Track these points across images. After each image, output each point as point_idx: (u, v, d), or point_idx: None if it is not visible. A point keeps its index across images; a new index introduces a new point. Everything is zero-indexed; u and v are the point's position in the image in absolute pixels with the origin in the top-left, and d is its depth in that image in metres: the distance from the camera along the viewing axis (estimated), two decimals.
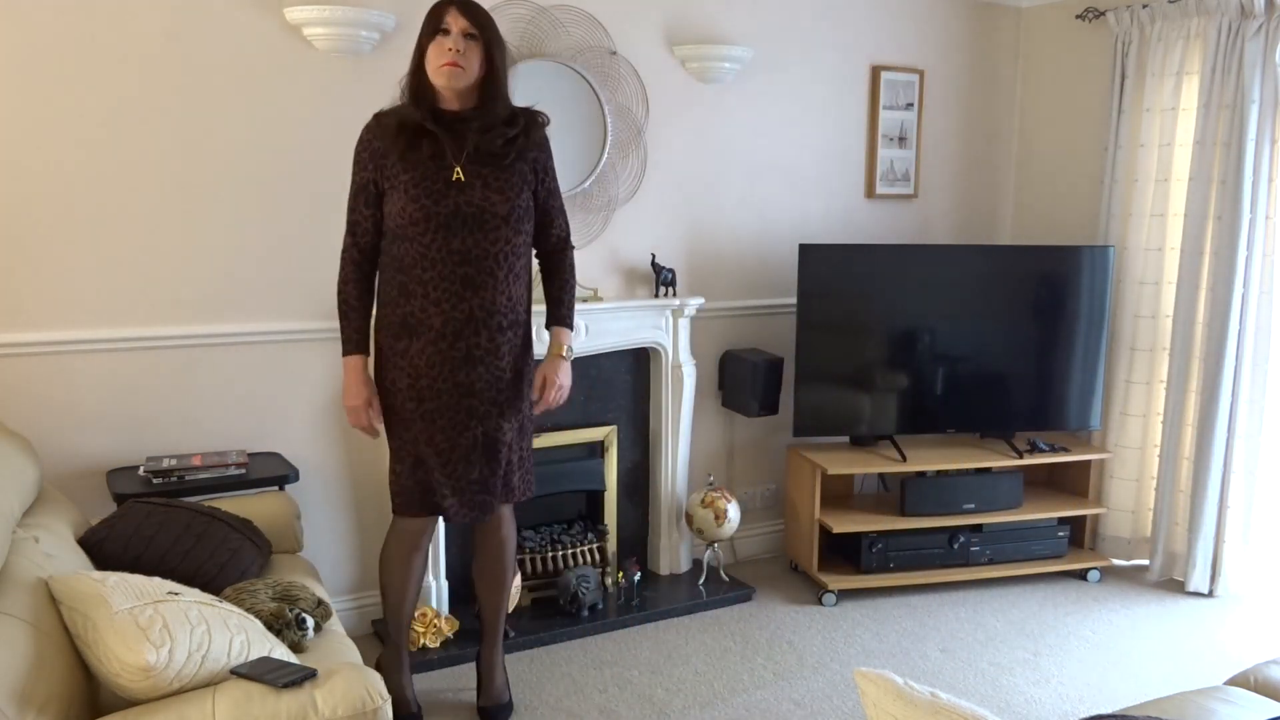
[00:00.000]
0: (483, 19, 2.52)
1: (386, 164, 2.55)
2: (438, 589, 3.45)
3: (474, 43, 2.50)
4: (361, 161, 2.59)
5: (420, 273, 2.55)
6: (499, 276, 2.60)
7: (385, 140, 2.55)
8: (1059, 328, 4.05)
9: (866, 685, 1.54)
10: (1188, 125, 3.93)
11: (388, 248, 2.61)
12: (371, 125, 2.60)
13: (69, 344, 2.97)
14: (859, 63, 4.23)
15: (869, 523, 3.87)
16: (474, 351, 2.60)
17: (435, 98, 2.54)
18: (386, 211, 2.58)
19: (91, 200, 2.96)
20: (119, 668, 1.77)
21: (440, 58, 2.46)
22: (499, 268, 2.59)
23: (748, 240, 4.09)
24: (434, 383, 2.60)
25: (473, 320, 2.58)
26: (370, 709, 1.89)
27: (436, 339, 2.58)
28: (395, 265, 2.59)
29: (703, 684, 3.19)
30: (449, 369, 2.60)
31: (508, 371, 2.67)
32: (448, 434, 2.63)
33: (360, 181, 2.60)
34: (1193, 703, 2.06)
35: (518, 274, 2.66)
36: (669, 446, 3.89)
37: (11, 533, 2.04)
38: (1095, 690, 3.19)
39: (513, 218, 2.60)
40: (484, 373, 2.63)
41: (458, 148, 2.53)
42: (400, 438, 2.67)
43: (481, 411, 2.65)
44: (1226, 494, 3.85)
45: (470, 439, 2.65)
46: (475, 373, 2.62)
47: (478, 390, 2.63)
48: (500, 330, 2.63)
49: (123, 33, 2.93)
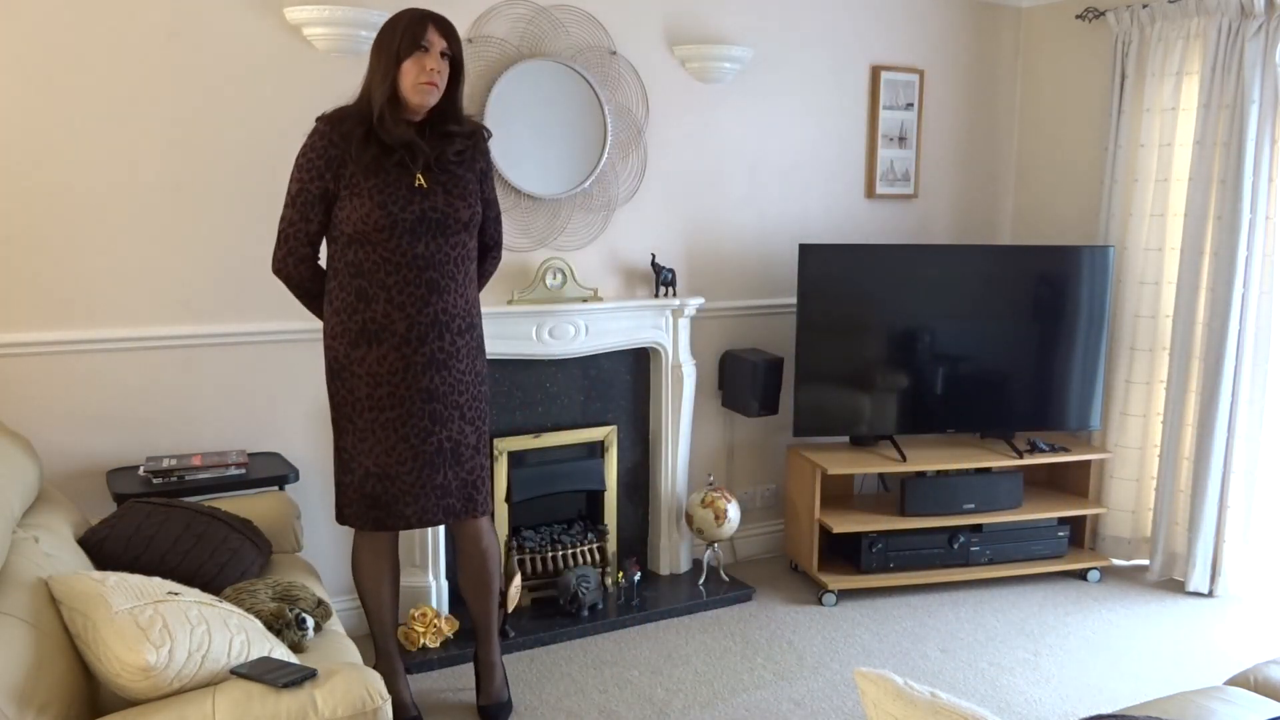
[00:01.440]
0: (456, 37, 2.56)
1: (345, 171, 2.52)
2: (437, 589, 3.45)
3: (446, 61, 2.53)
4: (315, 169, 2.53)
5: (383, 277, 2.55)
6: (459, 280, 2.64)
7: (346, 147, 2.52)
8: (1059, 328, 4.05)
9: (866, 685, 1.55)
10: (1188, 125, 3.93)
11: (339, 253, 2.59)
12: (325, 131, 2.53)
13: (69, 344, 2.97)
14: (859, 63, 4.23)
15: (869, 523, 3.87)
16: (436, 355, 2.61)
17: (402, 108, 2.53)
18: (340, 218, 2.55)
19: (91, 200, 2.96)
20: (119, 668, 1.77)
21: (420, 75, 2.48)
22: (458, 271, 2.64)
23: (748, 240, 4.09)
24: (396, 389, 2.59)
25: (436, 324, 2.60)
26: (370, 709, 1.89)
27: (400, 344, 2.58)
28: (351, 270, 2.57)
29: (703, 684, 3.19)
30: (412, 375, 2.60)
31: (467, 374, 2.69)
32: (411, 442, 2.62)
33: (313, 189, 2.54)
34: (1193, 703, 2.06)
35: (471, 277, 2.71)
36: (669, 446, 3.89)
37: (11, 533, 2.04)
38: (1095, 690, 3.19)
39: (472, 224, 2.66)
40: (446, 376, 2.64)
41: (414, 156, 2.55)
42: (352, 449, 2.65)
43: (444, 416, 2.65)
44: (1226, 494, 3.85)
45: (435, 444, 2.64)
46: (439, 377, 2.63)
47: (440, 394, 2.63)
48: (459, 333, 2.66)
49: (123, 32, 2.93)
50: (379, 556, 2.81)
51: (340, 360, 2.62)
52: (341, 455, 2.69)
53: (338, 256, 2.60)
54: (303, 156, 2.55)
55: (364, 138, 2.51)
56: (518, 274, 3.56)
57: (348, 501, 2.69)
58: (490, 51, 3.44)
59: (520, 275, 3.57)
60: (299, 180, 2.55)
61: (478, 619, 2.94)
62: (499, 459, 3.56)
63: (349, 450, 2.66)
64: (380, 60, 2.50)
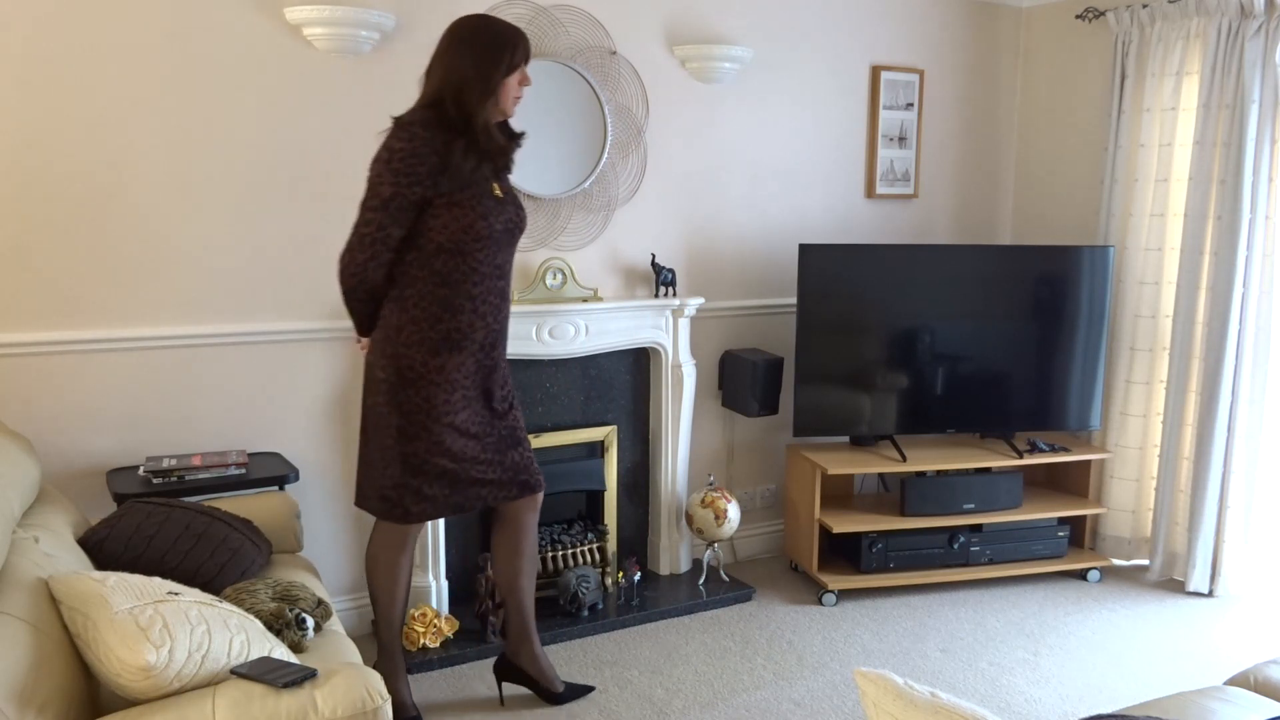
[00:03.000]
0: None
1: (441, 179, 2.50)
2: (437, 589, 3.45)
3: None
4: (415, 175, 2.46)
5: (470, 287, 2.60)
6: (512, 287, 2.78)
7: (447, 155, 2.49)
8: (1059, 328, 4.05)
9: (866, 685, 1.55)
10: (1188, 125, 3.93)
11: (422, 262, 2.56)
12: (426, 137, 2.47)
13: (69, 344, 2.97)
14: (859, 63, 4.23)
15: (869, 523, 3.87)
16: (498, 361, 2.74)
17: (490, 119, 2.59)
18: (434, 225, 2.53)
19: (90, 200, 2.96)
20: (119, 667, 1.77)
21: (516, 91, 2.60)
22: (513, 279, 2.78)
23: (748, 240, 4.09)
24: (467, 393, 2.68)
25: (503, 331, 2.74)
26: (370, 709, 1.89)
27: (476, 351, 2.66)
28: (436, 280, 2.57)
29: (703, 684, 3.19)
30: (480, 378, 2.70)
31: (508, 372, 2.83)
32: (480, 439, 2.72)
33: (410, 196, 2.48)
34: (1193, 703, 2.06)
35: None
36: (669, 446, 3.89)
37: (11, 533, 2.04)
38: (1095, 690, 3.19)
39: None
40: (499, 377, 2.76)
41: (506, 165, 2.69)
42: (425, 453, 2.64)
43: (501, 411, 2.78)
44: (1226, 494, 3.85)
45: (497, 434, 2.77)
46: (495, 378, 2.75)
47: (496, 395, 2.76)
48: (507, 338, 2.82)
49: (123, 32, 2.93)
50: (400, 552, 2.82)
51: (416, 369, 2.61)
52: (411, 460, 2.65)
53: (420, 265, 2.57)
54: (399, 161, 2.46)
55: (466, 148, 2.52)
56: (518, 274, 3.54)
57: (419, 499, 2.68)
58: None
59: (520, 275, 3.57)
60: (394, 185, 2.47)
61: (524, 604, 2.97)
62: None
63: (420, 455, 2.64)
64: (480, 69, 2.51)
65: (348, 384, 3.37)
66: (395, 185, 2.47)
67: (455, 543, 3.55)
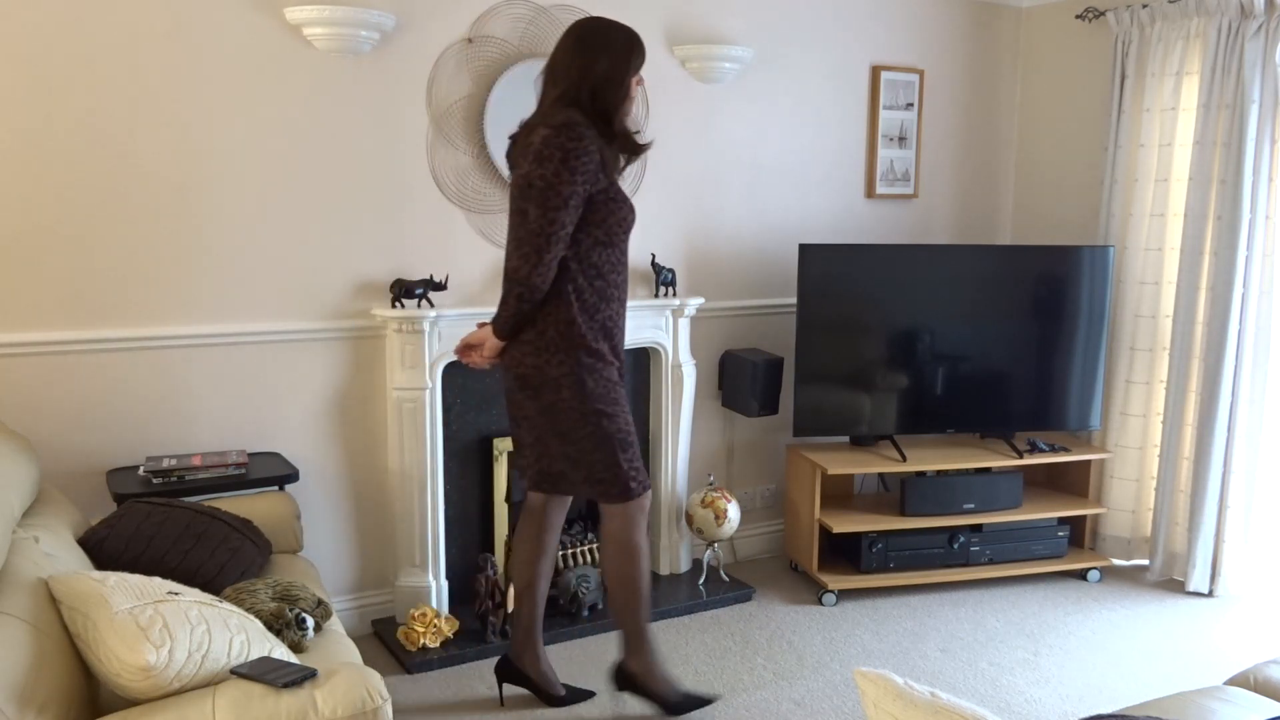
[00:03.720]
0: None
1: (601, 175, 2.62)
2: (437, 589, 3.45)
3: None
4: (589, 173, 2.57)
5: (615, 276, 2.73)
6: None
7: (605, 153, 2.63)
8: (1059, 328, 4.05)
9: (866, 685, 1.55)
10: (1188, 125, 3.93)
11: (584, 255, 2.66)
12: (592, 136, 2.59)
13: (69, 344, 2.97)
14: (859, 63, 4.23)
15: (869, 523, 3.87)
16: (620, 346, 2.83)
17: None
18: (593, 220, 2.63)
19: (90, 200, 2.96)
20: (119, 667, 1.77)
21: (635, 93, 2.72)
22: None
23: (748, 240, 4.10)
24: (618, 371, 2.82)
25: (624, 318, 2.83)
26: (370, 709, 1.89)
27: (616, 333, 2.80)
28: (593, 272, 2.67)
29: (703, 684, 3.19)
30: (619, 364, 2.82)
31: None
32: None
33: (583, 193, 2.59)
34: (1193, 703, 2.06)
35: None
36: (669, 446, 3.89)
37: (11, 533, 2.04)
38: (1095, 690, 3.19)
39: None
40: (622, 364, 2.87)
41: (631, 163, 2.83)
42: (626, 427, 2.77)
43: None
44: (1226, 494, 3.85)
45: None
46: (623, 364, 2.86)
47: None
48: None
49: (122, 32, 2.93)
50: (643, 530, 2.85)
51: (593, 355, 2.70)
52: (619, 437, 2.74)
53: (582, 259, 2.66)
54: (576, 160, 2.54)
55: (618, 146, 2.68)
56: None
57: (635, 470, 2.77)
58: (490, 51, 3.44)
59: None
60: (571, 184, 2.55)
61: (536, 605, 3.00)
62: (499, 459, 3.56)
63: (623, 429, 2.76)
64: (616, 70, 2.64)
65: (348, 384, 3.37)
66: (571, 184, 2.55)
67: (455, 543, 3.55)
